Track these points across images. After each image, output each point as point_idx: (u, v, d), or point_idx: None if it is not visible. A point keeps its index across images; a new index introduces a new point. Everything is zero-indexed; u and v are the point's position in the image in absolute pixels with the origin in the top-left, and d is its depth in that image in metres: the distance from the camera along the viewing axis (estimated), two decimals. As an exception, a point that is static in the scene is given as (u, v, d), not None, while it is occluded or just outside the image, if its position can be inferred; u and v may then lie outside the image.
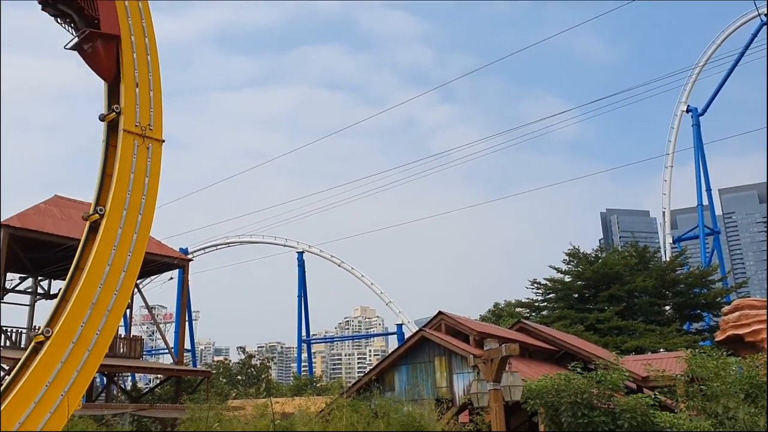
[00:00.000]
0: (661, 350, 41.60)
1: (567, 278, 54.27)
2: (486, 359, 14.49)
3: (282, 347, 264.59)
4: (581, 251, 54.95)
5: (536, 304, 56.04)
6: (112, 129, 13.05)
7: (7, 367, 26.26)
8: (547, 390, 16.46)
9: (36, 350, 11.37)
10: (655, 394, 16.41)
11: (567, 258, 55.06)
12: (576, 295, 53.32)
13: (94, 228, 12.27)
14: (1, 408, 10.64)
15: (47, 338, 11.29)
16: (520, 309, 55.61)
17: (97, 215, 12.23)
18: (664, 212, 76.41)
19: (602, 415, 15.83)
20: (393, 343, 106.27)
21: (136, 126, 13.07)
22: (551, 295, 54.93)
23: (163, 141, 13.49)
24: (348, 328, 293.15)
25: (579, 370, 17.28)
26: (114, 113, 12.96)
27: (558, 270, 54.97)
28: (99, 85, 13.34)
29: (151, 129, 13.33)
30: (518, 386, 13.96)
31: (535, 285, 55.60)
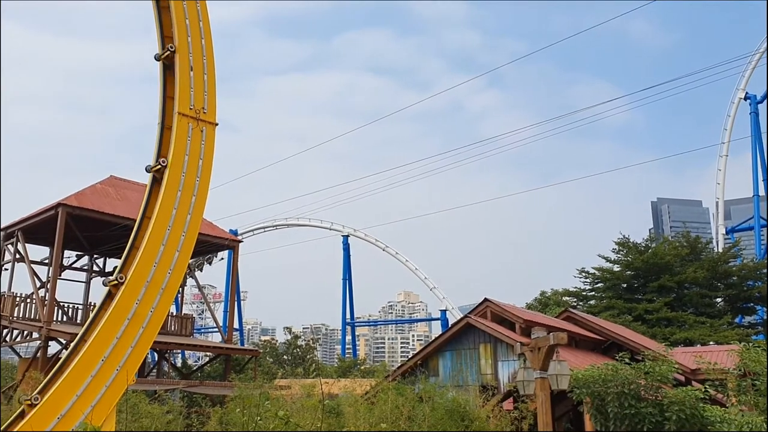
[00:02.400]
0: (711, 343, 40.77)
1: (616, 268, 53.53)
2: (533, 347, 14.42)
3: (326, 329, 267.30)
4: (631, 240, 54.07)
5: (584, 293, 55.43)
6: (167, 111, 13.27)
7: (64, 341, 27.20)
8: (593, 380, 16.31)
9: (92, 326, 11.71)
10: (705, 388, 16.10)
11: (616, 247, 54.25)
12: (624, 285, 52.56)
13: (150, 206, 12.54)
14: (60, 381, 11.02)
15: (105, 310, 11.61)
16: (567, 298, 55.10)
17: (160, 165, 12.59)
18: (717, 202, 74.41)
19: (649, 407, 15.61)
20: (436, 328, 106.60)
21: (191, 109, 13.23)
22: (599, 285, 54.27)
23: (217, 124, 13.69)
24: (391, 313, 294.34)
25: (626, 360, 17.07)
26: (168, 55, 13.10)
27: (607, 259, 54.24)
28: (149, 67, 13.58)
29: (205, 112, 13.48)
30: (565, 375, 13.87)
31: (583, 274, 54.99)
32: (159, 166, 12.48)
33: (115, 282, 11.70)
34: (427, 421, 16.67)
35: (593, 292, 54.93)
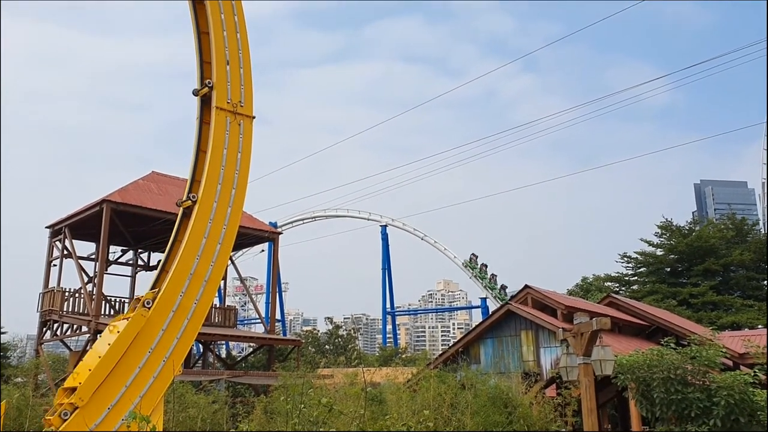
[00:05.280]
0: (760, 326, 39.86)
1: (659, 252, 52.69)
2: (576, 333, 14.29)
3: (367, 318, 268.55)
4: (674, 224, 53.14)
5: (626, 278, 54.71)
6: (205, 106, 13.41)
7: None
8: (638, 365, 16.11)
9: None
10: (754, 372, 15.78)
11: (659, 231, 53.39)
12: (668, 269, 51.73)
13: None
14: (110, 372, 11.26)
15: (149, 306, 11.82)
16: (610, 283, 54.42)
17: (190, 201, 12.68)
18: (763, 183, 72.74)
19: (697, 392, 15.37)
20: (477, 316, 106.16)
21: (228, 103, 13.31)
22: (642, 269, 53.51)
23: (254, 117, 13.77)
24: (431, 301, 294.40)
25: (672, 345, 16.81)
26: (206, 88, 13.26)
27: (650, 243, 53.42)
28: (184, 63, 13.80)
29: (242, 106, 13.55)
30: (609, 361, 13.72)
31: (626, 258, 54.26)
32: (189, 202, 12.53)
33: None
34: (470, 408, 16.68)
35: (636, 277, 54.18)
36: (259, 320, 39.39)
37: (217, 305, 36.50)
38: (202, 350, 38.54)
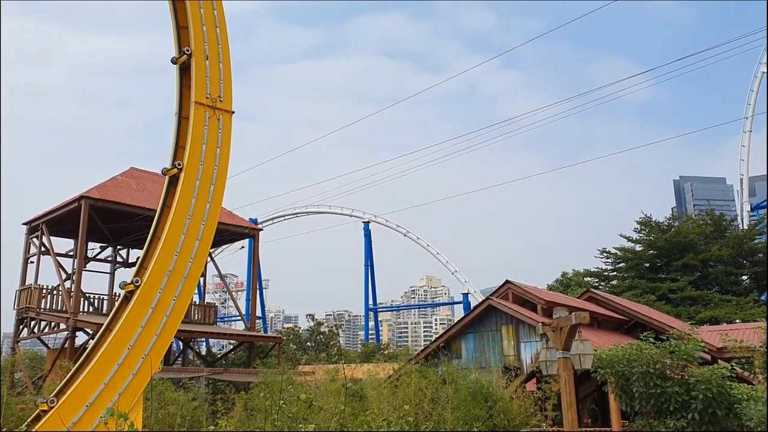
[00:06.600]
0: (737, 321, 40.37)
1: (638, 247, 53.18)
2: (555, 327, 14.36)
3: (349, 315, 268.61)
4: (653, 220, 53.63)
5: (605, 273, 55.16)
6: (184, 101, 13.30)
7: (90, 331, 27.58)
8: (617, 359, 16.22)
9: (116, 316, 11.82)
10: (731, 366, 15.95)
11: (638, 227, 53.87)
12: (647, 265, 52.21)
13: (169, 196, 12.61)
14: (87, 370, 11.15)
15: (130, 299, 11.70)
16: (589, 278, 54.87)
17: (176, 169, 12.60)
18: (741, 179, 73.48)
19: (675, 386, 15.50)
20: (459, 312, 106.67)
21: (207, 98, 13.22)
22: (621, 265, 53.97)
23: (233, 112, 13.68)
24: (414, 297, 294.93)
25: (651, 340, 16.95)
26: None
27: (629, 239, 53.89)
28: (165, 58, 13.60)
29: (221, 101, 13.47)
30: (588, 355, 13.79)
31: (605, 254, 54.71)
32: (175, 170, 12.47)
33: (132, 287, 11.71)
34: (450, 403, 16.71)
35: (615, 273, 54.66)
36: (240, 317, 39.21)
37: (197, 302, 36.25)
38: (181, 347, 38.27)
